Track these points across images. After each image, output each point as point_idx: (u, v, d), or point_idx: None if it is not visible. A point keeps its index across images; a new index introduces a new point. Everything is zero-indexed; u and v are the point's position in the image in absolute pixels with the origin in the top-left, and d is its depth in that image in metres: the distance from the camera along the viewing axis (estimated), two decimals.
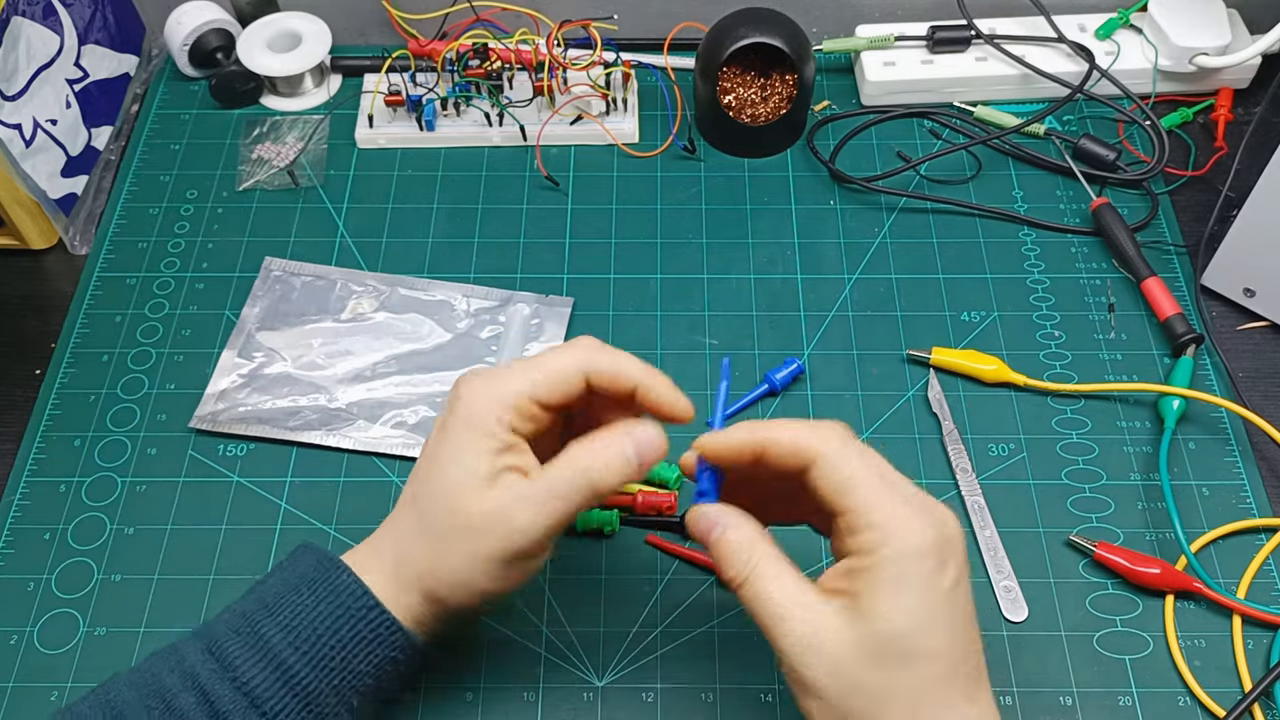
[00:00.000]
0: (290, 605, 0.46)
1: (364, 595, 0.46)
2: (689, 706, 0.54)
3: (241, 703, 0.44)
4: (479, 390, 0.47)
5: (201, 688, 0.45)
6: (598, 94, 0.74)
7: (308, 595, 0.47)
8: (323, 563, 0.48)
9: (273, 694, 0.45)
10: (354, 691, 0.46)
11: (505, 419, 0.46)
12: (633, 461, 0.47)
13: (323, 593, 0.47)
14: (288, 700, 0.45)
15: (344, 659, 0.46)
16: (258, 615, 0.46)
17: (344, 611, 0.46)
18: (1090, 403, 0.63)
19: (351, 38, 0.81)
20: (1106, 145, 0.73)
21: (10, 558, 0.59)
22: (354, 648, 0.46)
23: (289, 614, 0.46)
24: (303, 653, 0.45)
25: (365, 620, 0.46)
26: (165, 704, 0.45)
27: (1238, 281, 0.66)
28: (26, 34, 0.67)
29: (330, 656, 0.46)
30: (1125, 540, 0.58)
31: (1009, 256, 0.70)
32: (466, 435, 0.46)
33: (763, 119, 0.73)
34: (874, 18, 0.80)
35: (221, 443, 0.63)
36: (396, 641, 0.47)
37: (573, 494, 0.46)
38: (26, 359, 0.67)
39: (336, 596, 0.46)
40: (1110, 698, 0.54)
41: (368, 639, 0.46)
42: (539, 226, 0.72)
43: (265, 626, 0.46)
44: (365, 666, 0.46)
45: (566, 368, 0.47)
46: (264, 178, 0.74)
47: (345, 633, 0.46)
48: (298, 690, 0.45)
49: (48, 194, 0.69)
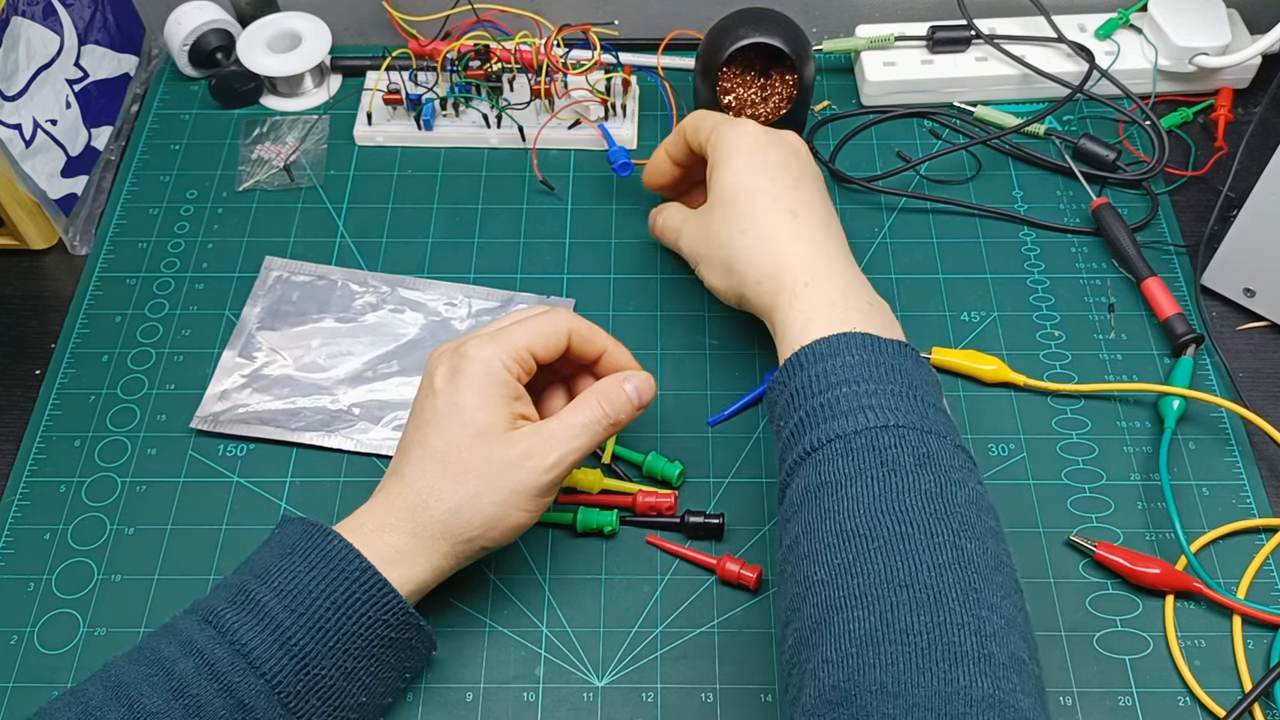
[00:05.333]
0: (282, 572, 0.48)
1: (356, 559, 0.49)
2: (689, 706, 0.54)
3: (240, 664, 0.46)
4: (489, 348, 0.53)
5: (200, 653, 0.46)
6: (596, 99, 0.74)
7: (299, 562, 0.49)
8: (309, 531, 0.50)
9: (270, 655, 0.46)
10: (347, 655, 0.48)
11: (514, 370, 0.53)
12: (633, 400, 0.55)
13: (315, 559, 0.49)
14: (285, 661, 0.46)
15: (338, 620, 0.48)
16: (251, 584, 0.48)
17: (338, 575, 0.48)
18: (1090, 403, 0.63)
19: (351, 38, 0.82)
20: (1106, 145, 0.73)
21: (10, 558, 0.59)
22: (347, 609, 0.48)
23: (282, 580, 0.48)
24: (298, 615, 0.47)
25: (360, 583, 0.48)
26: (165, 671, 0.46)
27: (1238, 281, 0.66)
28: (26, 34, 0.67)
29: (325, 618, 0.47)
30: (1125, 540, 0.58)
31: (1009, 256, 0.70)
32: (488, 387, 0.52)
33: (763, 119, 0.73)
34: (874, 18, 0.80)
35: (221, 443, 0.63)
36: (389, 604, 0.49)
37: (593, 427, 0.53)
38: (26, 359, 0.67)
39: (329, 561, 0.49)
40: (1110, 698, 0.54)
41: (361, 600, 0.48)
42: (539, 226, 0.72)
43: (260, 593, 0.48)
44: (358, 628, 0.48)
45: (558, 326, 0.54)
46: (264, 178, 0.74)
47: (340, 595, 0.48)
48: (294, 651, 0.47)
49: (48, 194, 0.69)
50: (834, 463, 0.47)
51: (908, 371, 0.50)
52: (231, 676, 0.45)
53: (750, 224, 0.56)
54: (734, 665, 0.55)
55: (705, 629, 0.56)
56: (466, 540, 0.51)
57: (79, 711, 0.45)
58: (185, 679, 0.45)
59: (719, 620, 0.56)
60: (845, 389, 0.49)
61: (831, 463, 0.47)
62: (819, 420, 0.49)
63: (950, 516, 0.45)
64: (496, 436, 0.51)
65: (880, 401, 0.48)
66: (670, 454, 0.61)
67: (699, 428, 0.63)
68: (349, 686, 0.48)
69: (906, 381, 0.49)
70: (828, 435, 0.48)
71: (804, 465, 0.48)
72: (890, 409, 0.48)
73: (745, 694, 0.54)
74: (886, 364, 0.50)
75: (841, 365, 0.49)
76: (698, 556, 0.58)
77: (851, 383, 0.49)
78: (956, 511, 0.45)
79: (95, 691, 0.46)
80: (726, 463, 0.61)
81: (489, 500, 0.51)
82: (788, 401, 0.51)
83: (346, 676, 0.48)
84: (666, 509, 0.59)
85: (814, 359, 0.50)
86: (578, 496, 0.60)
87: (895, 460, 0.46)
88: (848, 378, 0.49)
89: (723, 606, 0.57)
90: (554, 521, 0.59)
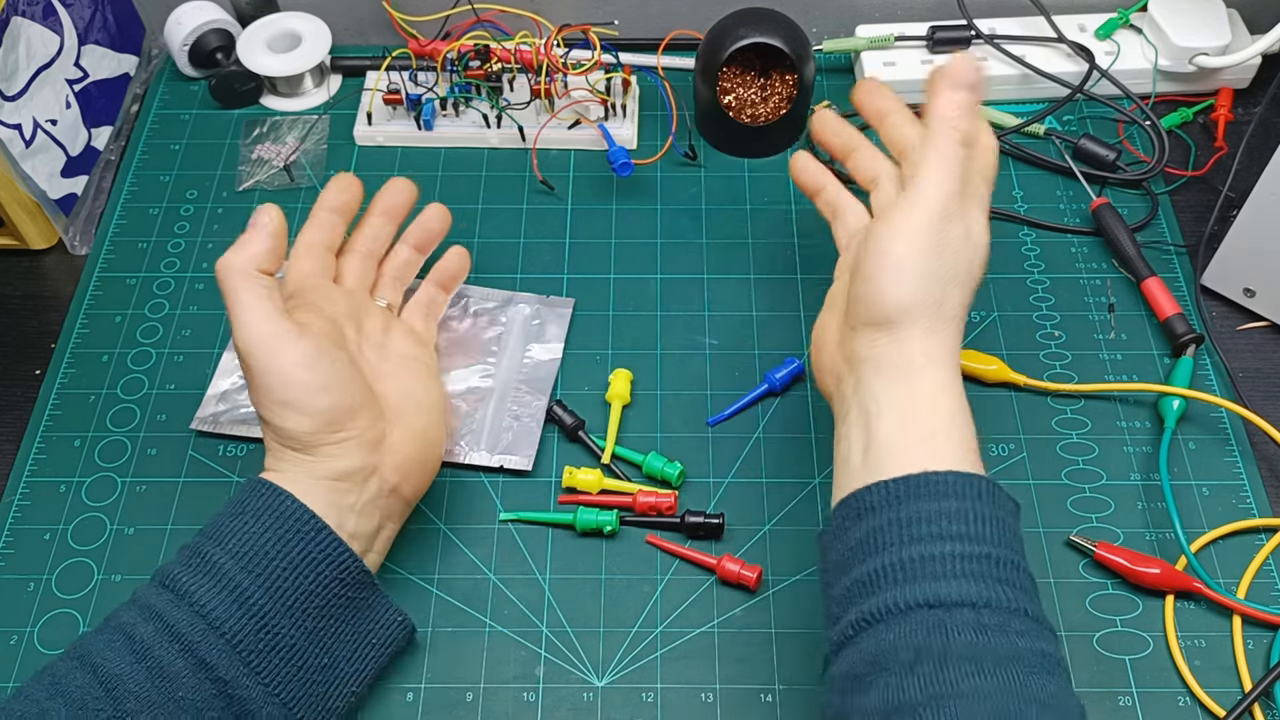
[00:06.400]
0: (235, 533, 0.49)
1: (311, 518, 0.49)
2: (689, 706, 0.54)
3: (200, 625, 0.46)
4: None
5: (160, 616, 0.47)
6: (596, 99, 0.74)
7: (253, 523, 0.49)
8: (259, 489, 0.50)
9: (229, 615, 0.47)
10: (305, 614, 0.48)
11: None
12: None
13: (267, 519, 0.49)
14: (245, 621, 0.47)
15: (294, 579, 0.48)
16: (206, 546, 0.49)
17: (292, 534, 0.49)
18: (1090, 403, 0.63)
19: (351, 38, 0.82)
20: (1106, 145, 0.73)
21: (10, 558, 0.59)
22: (303, 568, 0.49)
23: (236, 541, 0.48)
24: (255, 574, 0.48)
25: (315, 542, 0.49)
26: (127, 636, 0.46)
27: (1238, 281, 0.66)
28: (26, 34, 0.67)
29: (281, 577, 0.48)
30: (1125, 540, 0.58)
31: (1009, 256, 0.70)
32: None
33: (763, 119, 0.73)
34: (874, 18, 0.80)
35: (221, 443, 0.63)
36: (344, 561, 0.49)
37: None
38: (26, 359, 0.67)
39: (283, 521, 0.49)
40: (1110, 698, 0.54)
41: (316, 558, 0.49)
42: (539, 226, 0.72)
43: (215, 555, 0.48)
44: (314, 585, 0.49)
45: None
46: (264, 178, 0.74)
47: (295, 554, 0.48)
48: (253, 610, 0.47)
49: (48, 194, 0.69)
50: (909, 639, 0.41)
51: (1003, 525, 0.44)
52: (192, 636, 0.46)
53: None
54: (734, 665, 0.55)
55: (705, 629, 0.56)
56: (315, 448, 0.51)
57: (48, 684, 0.46)
58: (146, 642, 0.46)
59: (719, 620, 0.56)
60: (938, 545, 0.43)
61: (907, 638, 0.41)
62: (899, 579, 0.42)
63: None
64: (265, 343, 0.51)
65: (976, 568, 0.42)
66: (670, 454, 0.61)
67: (699, 428, 0.63)
68: (310, 647, 0.49)
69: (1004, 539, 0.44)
70: (907, 602, 0.42)
71: (875, 629, 0.42)
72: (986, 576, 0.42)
73: (745, 694, 0.54)
74: (988, 516, 0.44)
75: (938, 512, 0.43)
76: (698, 556, 0.58)
77: (948, 539, 0.43)
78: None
79: (62, 664, 0.46)
80: (726, 463, 0.61)
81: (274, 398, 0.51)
82: (860, 542, 0.44)
83: (308, 636, 0.49)
84: (666, 509, 0.59)
85: (905, 497, 0.44)
86: (578, 496, 0.60)
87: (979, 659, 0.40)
88: (944, 532, 0.43)
89: (723, 606, 0.57)
90: (554, 521, 0.59)
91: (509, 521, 0.59)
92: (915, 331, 0.49)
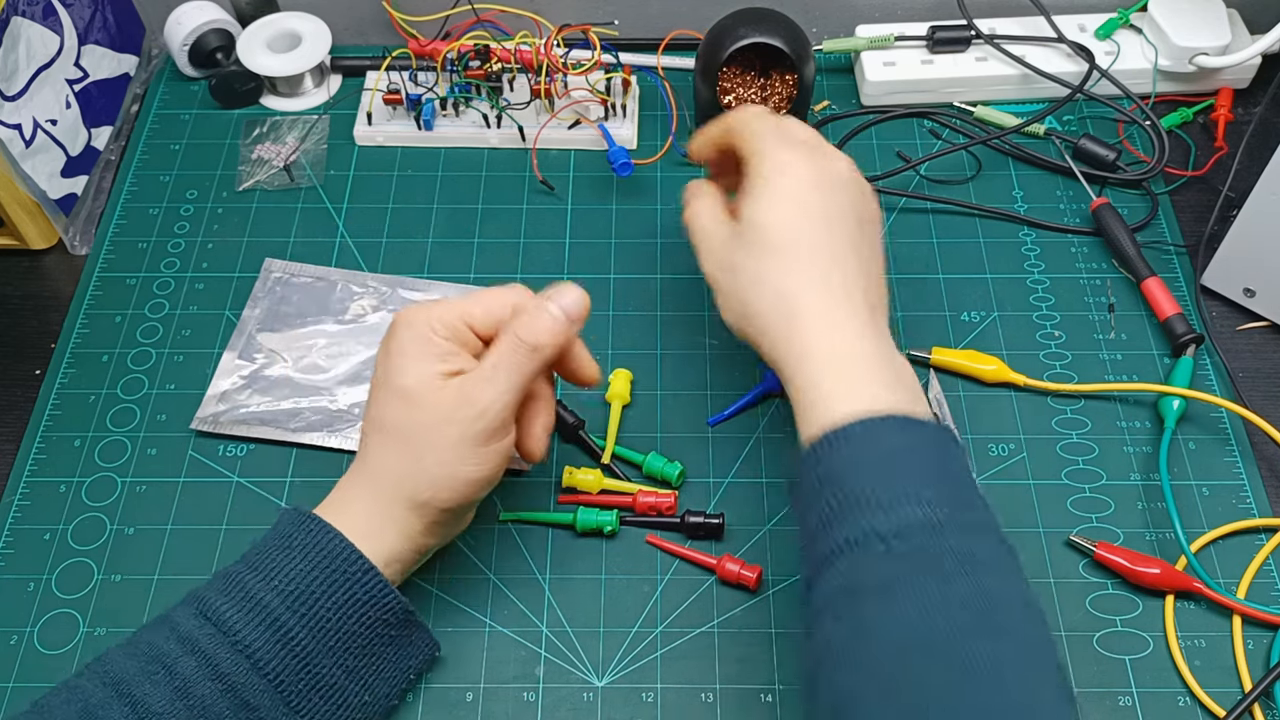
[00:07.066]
0: (283, 569, 0.48)
1: (359, 560, 0.48)
2: (689, 706, 0.54)
3: (244, 664, 0.46)
4: (418, 312, 0.52)
5: (202, 652, 0.46)
6: (596, 99, 0.74)
7: (300, 559, 0.48)
8: (305, 524, 0.49)
9: (273, 655, 0.46)
10: (348, 653, 0.48)
11: (441, 332, 0.51)
12: (557, 316, 0.52)
13: (315, 556, 0.48)
14: (287, 661, 0.46)
15: (339, 620, 0.48)
16: (249, 579, 0.48)
17: (339, 575, 0.48)
18: (1090, 403, 0.63)
19: (351, 38, 0.82)
20: (1106, 145, 0.73)
21: (10, 558, 0.59)
22: (349, 609, 0.48)
23: (282, 579, 0.48)
24: (299, 614, 0.47)
25: (361, 583, 0.48)
26: (167, 670, 0.45)
27: (1238, 281, 0.66)
28: (26, 34, 0.67)
29: (326, 618, 0.47)
30: (1125, 540, 0.58)
31: (1009, 256, 0.70)
32: (412, 348, 0.51)
33: None
34: (874, 18, 0.80)
35: (221, 443, 0.63)
36: (389, 603, 0.49)
37: (514, 358, 0.50)
38: (26, 359, 0.67)
39: (331, 561, 0.48)
40: (1110, 698, 0.54)
41: (361, 600, 0.48)
42: (539, 226, 0.72)
43: (259, 590, 0.47)
44: (359, 627, 0.48)
45: (502, 298, 0.52)
46: (264, 178, 0.74)
47: (341, 595, 0.48)
48: (296, 651, 0.46)
49: (48, 194, 0.69)
50: (875, 565, 0.43)
51: (944, 454, 0.46)
52: (235, 677, 0.45)
53: (775, 280, 0.51)
54: (734, 665, 0.55)
55: (705, 629, 0.56)
56: (423, 503, 0.50)
57: (79, 709, 0.44)
58: (188, 678, 0.45)
59: (719, 620, 0.56)
60: (881, 477, 0.45)
61: (871, 566, 0.43)
62: (853, 512, 0.44)
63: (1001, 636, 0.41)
64: (424, 391, 0.50)
65: (921, 491, 0.44)
66: (670, 454, 0.61)
67: (699, 428, 0.63)
68: (351, 685, 0.48)
69: (944, 468, 0.46)
70: (864, 531, 0.43)
71: (839, 560, 0.44)
72: (931, 500, 0.44)
73: (745, 694, 0.54)
74: (922, 449, 0.46)
75: (876, 450, 0.45)
76: (698, 556, 0.58)
77: (888, 471, 0.45)
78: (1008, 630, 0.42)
79: (94, 689, 0.45)
80: (726, 463, 0.61)
81: (431, 460, 0.50)
82: (814, 486, 0.46)
83: (349, 675, 0.48)
84: (666, 509, 0.59)
85: (843, 441, 0.46)
86: (578, 496, 0.60)
87: (939, 567, 0.42)
88: (883, 465, 0.45)
89: (723, 606, 0.57)
90: (554, 521, 0.59)
91: (509, 521, 0.60)
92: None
